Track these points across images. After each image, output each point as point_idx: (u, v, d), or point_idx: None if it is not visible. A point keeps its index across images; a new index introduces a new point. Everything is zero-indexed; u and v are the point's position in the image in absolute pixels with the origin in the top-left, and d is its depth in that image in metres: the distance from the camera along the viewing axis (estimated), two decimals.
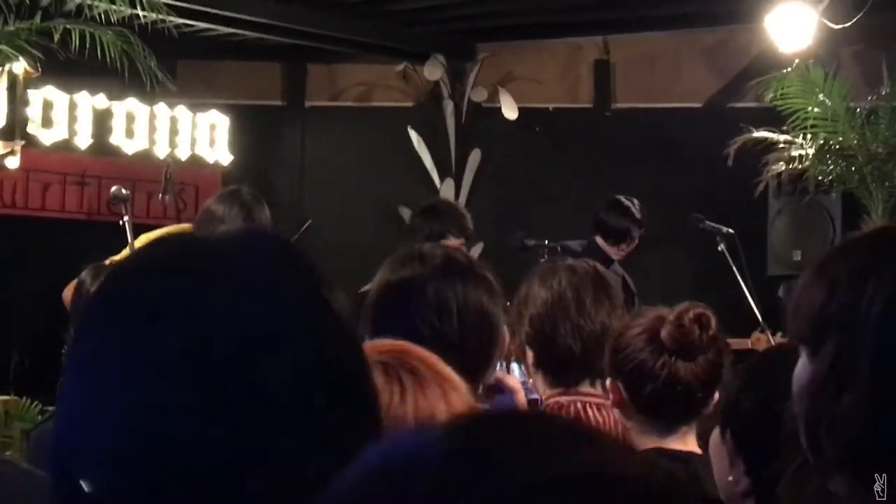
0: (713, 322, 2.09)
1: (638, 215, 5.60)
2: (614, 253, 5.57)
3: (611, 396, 2.18)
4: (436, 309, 1.91)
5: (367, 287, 2.44)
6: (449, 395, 1.40)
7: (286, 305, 0.92)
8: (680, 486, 0.59)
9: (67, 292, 4.86)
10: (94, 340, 0.92)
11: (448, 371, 1.45)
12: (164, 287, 0.91)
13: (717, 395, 2.13)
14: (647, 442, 2.14)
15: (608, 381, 2.16)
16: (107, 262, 4.33)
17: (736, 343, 4.48)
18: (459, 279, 1.96)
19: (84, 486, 0.85)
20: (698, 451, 2.17)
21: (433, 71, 8.38)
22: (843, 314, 1.12)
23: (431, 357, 1.46)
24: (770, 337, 5.17)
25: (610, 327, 2.34)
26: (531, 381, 2.54)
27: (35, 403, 5.78)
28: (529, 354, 2.43)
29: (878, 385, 1.08)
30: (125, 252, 4.77)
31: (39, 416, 5.55)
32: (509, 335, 2.18)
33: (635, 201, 5.65)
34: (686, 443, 2.17)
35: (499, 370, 2.14)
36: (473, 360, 1.87)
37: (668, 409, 2.07)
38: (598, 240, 5.62)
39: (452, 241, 4.47)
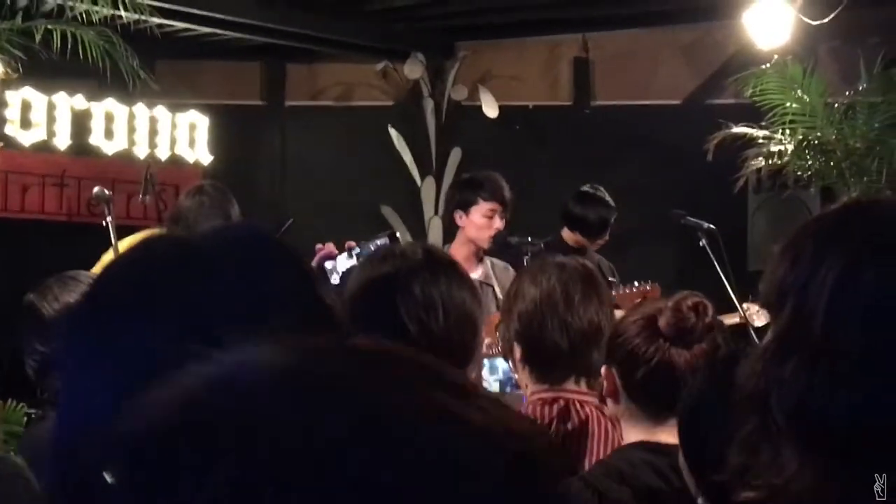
0: (710, 311, 2.11)
1: (610, 202, 5.58)
2: (591, 245, 5.55)
3: (604, 385, 2.19)
4: (423, 306, 1.94)
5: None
6: None
7: (287, 296, 0.93)
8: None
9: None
10: (99, 335, 0.92)
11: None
12: (165, 280, 0.93)
13: None
14: (635, 433, 2.15)
15: (603, 368, 2.18)
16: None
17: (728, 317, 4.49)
18: (444, 277, 2.00)
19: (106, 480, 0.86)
20: None
21: (413, 69, 8.39)
22: (804, 278, 1.11)
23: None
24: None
25: (599, 324, 2.36)
26: (517, 377, 2.56)
27: (20, 405, 5.74)
28: (517, 350, 2.45)
29: (824, 347, 1.07)
30: (107, 256, 4.74)
31: (24, 419, 5.51)
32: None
33: (600, 188, 5.62)
34: (675, 435, 2.18)
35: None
36: (458, 356, 1.93)
37: (659, 396, 2.08)
38: (566, 233, 5.58)
39: (483, 206, 4.75)
